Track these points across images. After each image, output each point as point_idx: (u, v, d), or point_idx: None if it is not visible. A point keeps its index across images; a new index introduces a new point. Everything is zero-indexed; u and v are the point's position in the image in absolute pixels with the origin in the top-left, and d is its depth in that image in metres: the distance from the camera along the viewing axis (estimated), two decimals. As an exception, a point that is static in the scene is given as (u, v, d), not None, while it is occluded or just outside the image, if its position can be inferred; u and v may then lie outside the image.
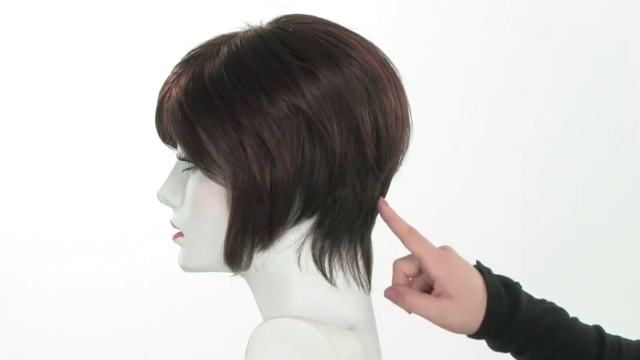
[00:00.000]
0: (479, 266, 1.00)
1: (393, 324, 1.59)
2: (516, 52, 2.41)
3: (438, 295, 0.95)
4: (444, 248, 0.98)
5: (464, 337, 1.03)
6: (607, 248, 2.41)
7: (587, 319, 1.05)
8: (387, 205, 0.95)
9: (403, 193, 1.04)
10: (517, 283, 1.01)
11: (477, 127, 2.42)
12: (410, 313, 0.97)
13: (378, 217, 0.96)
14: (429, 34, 2.42)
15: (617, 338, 1.02)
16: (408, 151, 0.96)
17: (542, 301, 1.02)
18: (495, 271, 1.02)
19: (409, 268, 0.98)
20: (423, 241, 0.96)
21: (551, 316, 1.00)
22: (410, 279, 0.98)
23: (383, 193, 0.95)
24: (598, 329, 1.02)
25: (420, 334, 2.27)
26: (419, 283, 0.98)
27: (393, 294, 0.96)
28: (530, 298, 1.01)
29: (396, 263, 0.99)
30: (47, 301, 2.44)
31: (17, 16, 2.43)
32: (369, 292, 0.96)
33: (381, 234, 0.98)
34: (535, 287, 1.10)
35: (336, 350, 0.83)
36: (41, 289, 2.44)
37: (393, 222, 0.95)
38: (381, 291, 0.99)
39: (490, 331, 0.98)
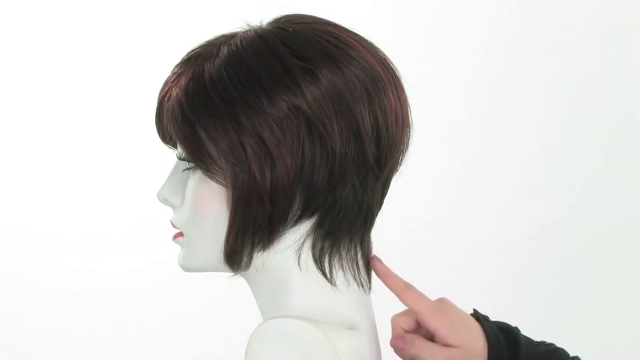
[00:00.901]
0: (476, 315, 1.00)
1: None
2: (517, 51, 2.41)
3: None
4: (440, 300, 0.98)
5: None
6: (608, 248, 2.41)
7: (588, 319, 1.04)
8: (380, 262, 0.96)
9: (403, 193, 1.04)
10: (515, 327, 1.02)
11: (477, 127, 2.42)
12: None
13: (378, 218, 0.96)
14: (428, 34, 2.42)
15: None
16: (408, 151, 0.96)
17: (542, 343, 1.02)
18: (495, 270, 1.02)
19: (407, 324, 0.98)
20: (420, 296, 0.96)
21: (551, 358, 1.00)
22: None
23: (383, 193, 0.95)
24: None
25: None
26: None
27: (400, 342, 0.96)
28: (529, 341, 1.01)
29: (393, 319, 0.99)
30: (47, 301, 2.44)
31: (17, 16, 2.43)
32: (369, 292, 0.96)
33: (381, 234, 0.98)
34: (535, 287, 1.11)
35: (336, 350, 0.83)
36: (41, 288, 2.44)
37: (388, 279, 0.96)
38: (381, 291, 0.99)
39: None
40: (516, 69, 2.41)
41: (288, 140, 0.87)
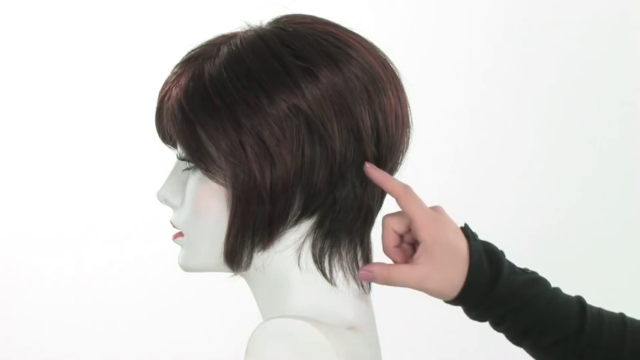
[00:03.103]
0: (466, 231, 0.98)
1: (393, 324, 1.59)
2: (517, 51, 2.41)
3: (418, 259, 0.93)
4: (435, 209, 0.96)
5: (464, 338, 1.03)
6: (609, 249, 2.41)
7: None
8: (375, 168, 0.91)
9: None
10: (501, 251, 0.99)
11: (477, 127, 2.42)
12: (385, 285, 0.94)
13: (378, 218, 0.96)
14: (428, 34, 2.42)
15: (599, 310, 0.99)
16: (408, 151, 0.96)
17: (524, 271, 0.99)
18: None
19: (399, 226, 0.95)
20: (417, 202, 0.94)
21: (530, 288, 0.97)
22: (399, 236, 0.96)
23: (383, 193, 0.95)
24: (580, 301, 1.00)
25: (419, 334, 2.27)
26: (407, 240, 0.97)
27: (368, 275, 0.93)
28: (512, 268, 0.98)
29: (385, 219, 0.96)
30: (47, 301, 2.44)
31: (17, 16, 2.43)
32: (369, 292, 0.96)
33: (380, 234, 0.98)
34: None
35: (336, 350, 0.83)
36: (41, 288, 2.44)
37: (387, 182, 0.92)
38: (381, 291, 0.99)
39: (467, 301, 0.96)
40: (517, 69, 2.41)
41: (288, 140, 0.87)
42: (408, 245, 0.97)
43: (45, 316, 2.43)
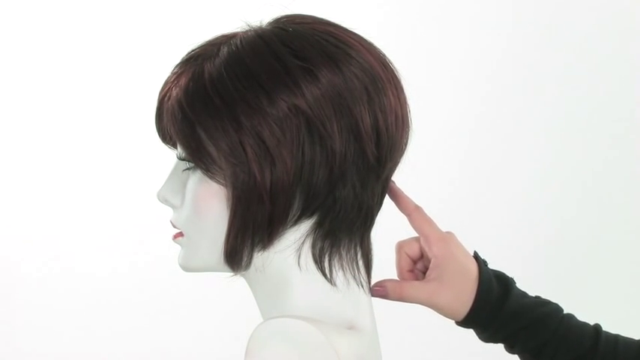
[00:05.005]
0: (476, 256, 1.03)
1: (393, 324, 1.59)
2: (517, 51, 2.41)
3: (429, 276, 0.98)
4: (447, 232, 1.02)
5: (464, 337, 1.03)
6: (612, 250, 2.41)
7: (589, 317, 1.05)
8: (394, 184, 0.98)
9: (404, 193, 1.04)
10: (511, 278, 1.03)
11: (478, 128, 2.42)
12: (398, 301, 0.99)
13: (378, 218, 0.96)
14: (428, 34, 2.42)
15: (615, 335, 1.02)
16: (409, 152, 0.96)
17: (537, 297, 1.03)
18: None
19: (412, 250, 1.01)
20: (428, 220, 1.00)
21: (542, 307, 1.01)
22: (412, 261, 1.02)
23: (383, 193, 0.95)
24: (595, 326, 1.02)
25: (419, 334, 2.27)
26: (420, 267, 1.02)
27: (380, 291, 0.99)
28: (523, 293, 1.02)
29: (398, 244, 1.02)
30: (46, 301, 2.44)
31: (17, 16, 2.43)
32: (369, 292, 0.96)
33: (380, 234, 0.98)
34: (539, 288, 1.11)
35: (335, 350, 0.83)
36: (41, 288, 2.44)
37: (399, 199, 1.00)
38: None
39: (478, 319, 0.99)
40: (518, 69, 2.41)
41: (288, 140, 0.87)
42: (420, 272, 1.02)
43: (45, 317, 2.43)
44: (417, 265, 1.03)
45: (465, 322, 1.01)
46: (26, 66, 2.44)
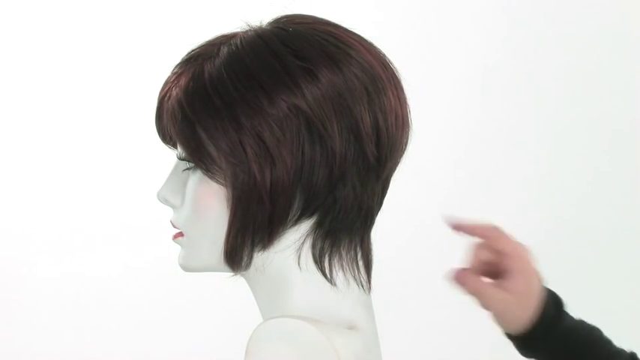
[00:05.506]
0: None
1: (393, 324, 1.59)
2: (518, 51, 2.41)
3: (507, 286, 1.00)
4: (525, 247, 1.04)
5: (463, 336, 1.03)
6: (612, 250, 2.41)
7: (589, 317, 1.06)
8: (459, 221, 1.03)
9: (404, 194, 1.04)
10: (561, 298, 1.06)
11: (477, 128, 2.42)
12: (470, 295, 1.01)
13: (378, 218, 0.96)
14: (428, 34, 2.42)
15: None
16: (409, 152, 0.96)
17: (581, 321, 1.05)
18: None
19: (486, 255, 1.02)
20: (510, 237, 1.02)
21: (591, 332, 1.03)
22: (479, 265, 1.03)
23: (383, 193, 0.95)
24: (632, 354, 1.04)
25: (420, 334, 2.27)
26: (481, 271, 1.04)
27: (461, 278, 1.01)
28: (572, 317, 1.04)
29: (474, 247, 1.03)
30: (46, 301, 2.44)
31: (17, 16, 2.43)
32: (369, 292, 0.96)
33: (380, 234, 0.98)
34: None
35: (335, 350, 0.83)
36: (41, 288, 2.44)
37: (476, 229, 1.03)
38: (381, 291, 0.99)
39: (535, 335, 1.01)
40: (518, 68, 2.41)
41: (288, 140, 0.87)
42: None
43: (45, 318, 2.43)
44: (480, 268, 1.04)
45: (519, 338, 1.03)
46: (27, 67, 2.44)
